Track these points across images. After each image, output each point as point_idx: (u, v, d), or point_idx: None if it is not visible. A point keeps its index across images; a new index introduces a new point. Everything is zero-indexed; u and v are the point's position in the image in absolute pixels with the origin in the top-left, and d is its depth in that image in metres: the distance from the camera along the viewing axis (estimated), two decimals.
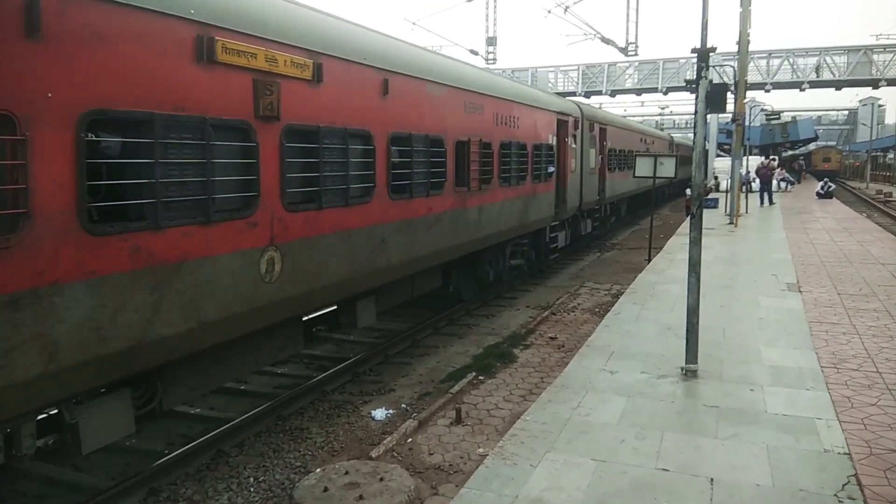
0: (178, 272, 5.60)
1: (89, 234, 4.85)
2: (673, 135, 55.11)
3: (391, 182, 8.77)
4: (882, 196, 44.41)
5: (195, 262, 5.78)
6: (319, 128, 7.28)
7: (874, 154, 67.35)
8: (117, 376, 5.34)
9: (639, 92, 52.36)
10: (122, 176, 5.23)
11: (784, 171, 45.67)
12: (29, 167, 4.41)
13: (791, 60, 45.66)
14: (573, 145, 17.20)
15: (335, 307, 9.29)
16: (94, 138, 4.92)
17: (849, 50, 44.93)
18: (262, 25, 6.46)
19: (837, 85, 46.30)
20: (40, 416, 7.00)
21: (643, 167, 17.01)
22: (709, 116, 9.04)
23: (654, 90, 50.26)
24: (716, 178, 37.01)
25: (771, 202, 31.56)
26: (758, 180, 32.57)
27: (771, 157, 43.00)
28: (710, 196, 29.52)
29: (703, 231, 8.43)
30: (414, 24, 27.13)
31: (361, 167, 8.18)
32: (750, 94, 36.68)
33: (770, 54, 46.15)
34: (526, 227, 14.46)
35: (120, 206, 5.23)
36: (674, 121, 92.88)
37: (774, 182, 34.19)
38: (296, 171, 7.02)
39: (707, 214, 14.60)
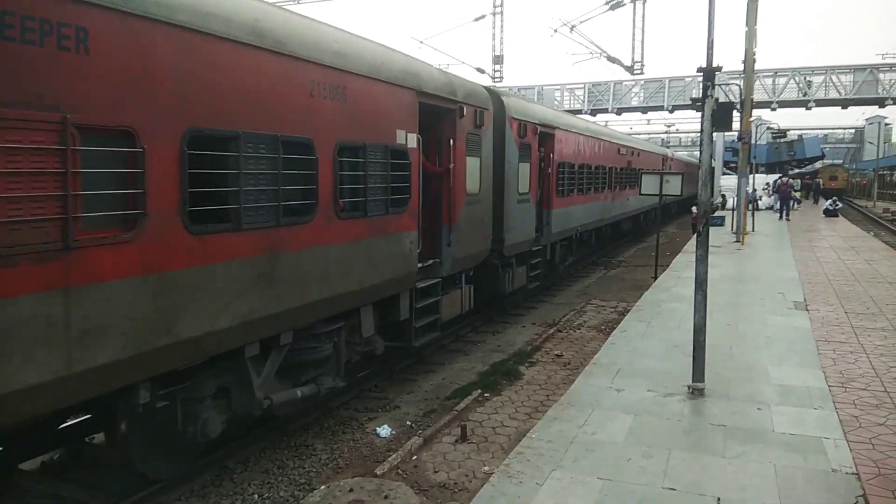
0: None
1: None
2: (678, 153, 55.21)
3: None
4: (889, 215, 44.22)
5: None
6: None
7: (881, 172, 67.19)
8: None
9: (644, 110, 52.54)
10: None
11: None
12: None
13: (797, 79, 45.74)
14: (475, 155, 11.28)
15: None
16: None
17: (855, 69, 44.99)
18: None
19: (844, 104, 46.32)
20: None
21: (649, 185, 17.02)
22: (715, 135, 9.03)
23: (660, 108, 50.40)
24: (722, 195, 37.04)
25: (788, 217, 33.62)
26: (775, 196, 35.74)
27: (785, 175, 43.75)
28: (716, 214, 29.54)
29: (710, 249, 8.42)
30: (421, 42, 27.41)
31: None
32: (756, 112, 36.77)
33: (776, 73, 46.25)
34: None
35: None
36: (679, 138, 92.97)
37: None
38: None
39: (713, 232, 14.59)
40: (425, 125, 9.69)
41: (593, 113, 50.34)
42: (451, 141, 10.22)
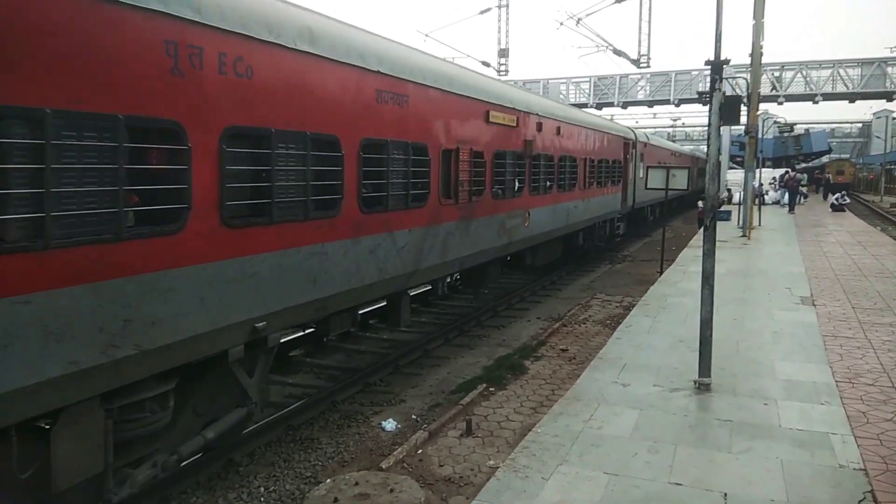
0: None
1: None
2: (684, 146, 54.88)
3: None
4: None
5: None
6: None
7: (888, 167, 66.78)
8: None
9: (651, 104, 52.35)
10: None
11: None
12: None
13: (804, 73, 45.52)
14: None
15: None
16: None
17: (863, 62, 44.76)
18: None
19: (851, 97, 46.14)
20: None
21: (655, 179, 16.93)
22: (721, 128, 9.04)
23: (667, 102, 50.23)
24: (728, 190, 36.94)
25: (793, 210, 34.74)
26: (781, 190, 37.23)
27: (793, 169, 44.06)
28: (722, 208, 29.46)
29: (716, 243, 8.38)
30: (427, 35, 27.30)
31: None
32: (763, 106, 36.64)
33: (783, 66, 46.03)
34: None
35: None
36: (685, 132, 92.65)
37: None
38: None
39: (720, 226, 14.55)
40: None
41: (599, 107, 50.19)
42: None
